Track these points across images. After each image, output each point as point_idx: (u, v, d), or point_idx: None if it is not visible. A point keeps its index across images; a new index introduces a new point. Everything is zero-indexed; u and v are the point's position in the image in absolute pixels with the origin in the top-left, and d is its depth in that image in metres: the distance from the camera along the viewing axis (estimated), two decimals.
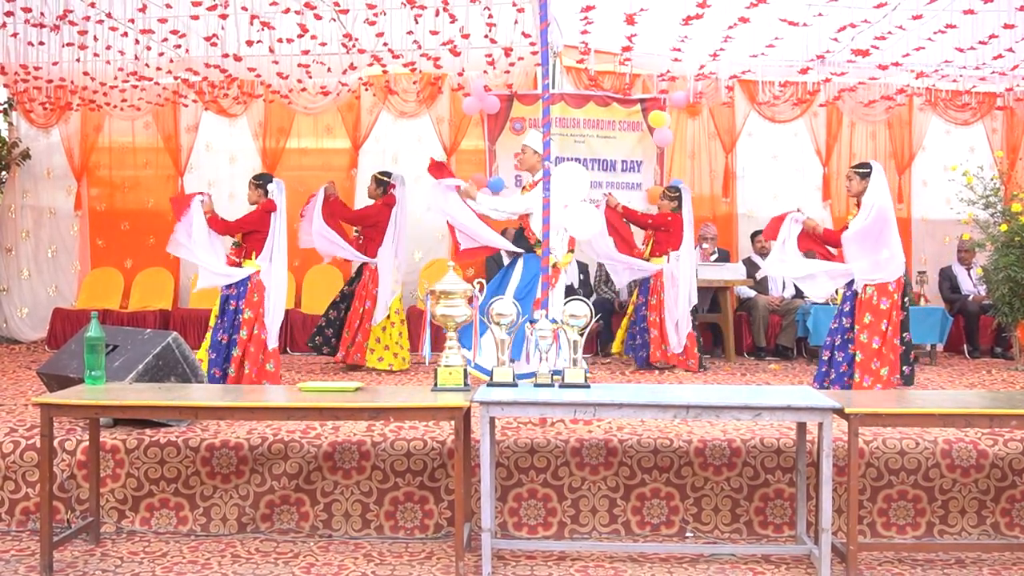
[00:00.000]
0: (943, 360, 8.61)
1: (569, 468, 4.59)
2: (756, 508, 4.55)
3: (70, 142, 9.91)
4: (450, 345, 4.28)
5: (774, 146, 9.80)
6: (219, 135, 9.87)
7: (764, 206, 9.62)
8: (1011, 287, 7.66)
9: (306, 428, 4.75)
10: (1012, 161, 9.54)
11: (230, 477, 4.61)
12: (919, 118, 9.84)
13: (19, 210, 9.95)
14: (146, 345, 4.93)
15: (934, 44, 7.38)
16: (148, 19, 7.17)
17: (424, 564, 4.12)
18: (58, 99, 9.31)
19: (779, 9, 6.84)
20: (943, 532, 4.55)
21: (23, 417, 5.19)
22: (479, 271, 9.11)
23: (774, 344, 8.76)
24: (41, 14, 7.03)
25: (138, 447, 4.62)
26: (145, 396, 4.13)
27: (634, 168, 8.70)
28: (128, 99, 9.24)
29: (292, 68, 8.50)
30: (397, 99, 9.50)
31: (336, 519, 4.56)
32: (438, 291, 4.29)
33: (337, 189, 7.94)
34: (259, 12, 6.90)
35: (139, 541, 4.40)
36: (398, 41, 7.81)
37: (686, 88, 8.89)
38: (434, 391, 4.19)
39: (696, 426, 4.85)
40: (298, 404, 4.01)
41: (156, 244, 9.88)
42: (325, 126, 9.88)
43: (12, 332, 9.78)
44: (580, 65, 9.01)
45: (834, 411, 3.89)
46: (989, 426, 4.17)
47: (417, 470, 4.58)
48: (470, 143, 9.45)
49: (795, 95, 9.38)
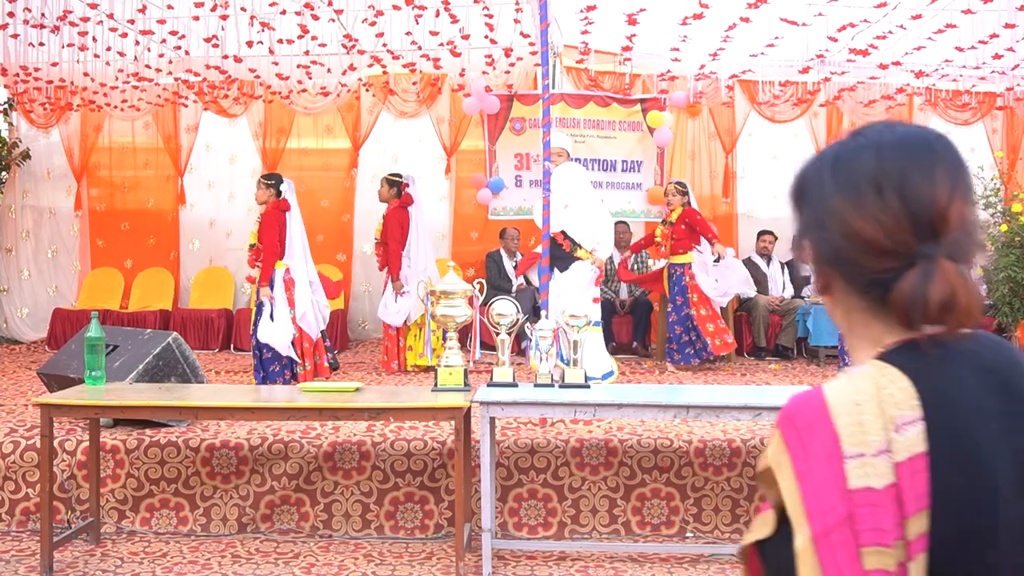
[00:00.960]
0: None
1: (569, 468, 4.59)
2: (756, 508, 4.55)
3: (70, 142, 9.90)
4: (450, 345, 4.28)
5: (774, 146, 9.79)
6: (219, 135, 9.87)
7: (764, 206, 9.62)
8: (1011, 287, 7.66)
9: (306, 428, 4.75)
10: (1012, 161, 9.53)
11: (230, 477, 4.61)
12: (919, 118, 9.82)
13: (19, 210, 9.95)
14: (146, 345, 4.93)
15: (934, 44, 7.38)
16: (148, 20, 7.17)
17: (424, 564, 4.12)
18: (58, 99, 9.31)
19: (779, 9, 6.84)
20: None
21: (23, 417, 5.19)
22: (479, 271, 9.12)
23: (774, 344, 8.76)
24: (41, 15, 7.03)
25: (138, 447, 4.62)
26: (145, 396, 4.13)
27: (634, 168, 8.69)
28: (128, 99, 9.23)
29: (292, 69, 8.50)
30: (397, 99, 9.49)
31: (336, 519, 4.56)
32: (438, 291, 4.29)
33: None
34: (259, 13, 6.90)
35: (139, 541, 4.41)
36: (398, 42, 7.80)
37: (686, 88, 8.89)
38: (434, 391, 4.19)
39: (696, 426, 4.85)
40: (298, 404, 4.01)
41: (156, 244, 9.91)
42: (325, 126, 9.87)
43: (12, 332, 9.77)
44: (580, 65, 9.01)
45: None
46: None
47: (417, 470, 4.58)
48: (470, 143, 9.44)
49: (795, 95, 9.37)
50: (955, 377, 1.02)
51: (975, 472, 0.98)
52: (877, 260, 1.03)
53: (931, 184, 1.03)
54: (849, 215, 1.04)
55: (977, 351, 1.05)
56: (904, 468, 0.96)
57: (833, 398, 1.00)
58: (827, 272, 1.10)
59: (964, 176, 1.07)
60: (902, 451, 0.97)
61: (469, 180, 9.02)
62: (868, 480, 0.95)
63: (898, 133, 1.09)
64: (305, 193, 9.47)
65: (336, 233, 9.61)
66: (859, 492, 0.95)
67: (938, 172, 1.04)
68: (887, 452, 0.97)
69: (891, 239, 1.02)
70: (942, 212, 1.02)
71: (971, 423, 1.00)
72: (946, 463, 0.97)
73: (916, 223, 1.02)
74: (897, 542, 0.95)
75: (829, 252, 1.07)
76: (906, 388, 1.00)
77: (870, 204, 1.03)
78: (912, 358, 1.02)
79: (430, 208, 8.17)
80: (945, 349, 1.03)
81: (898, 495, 0.96)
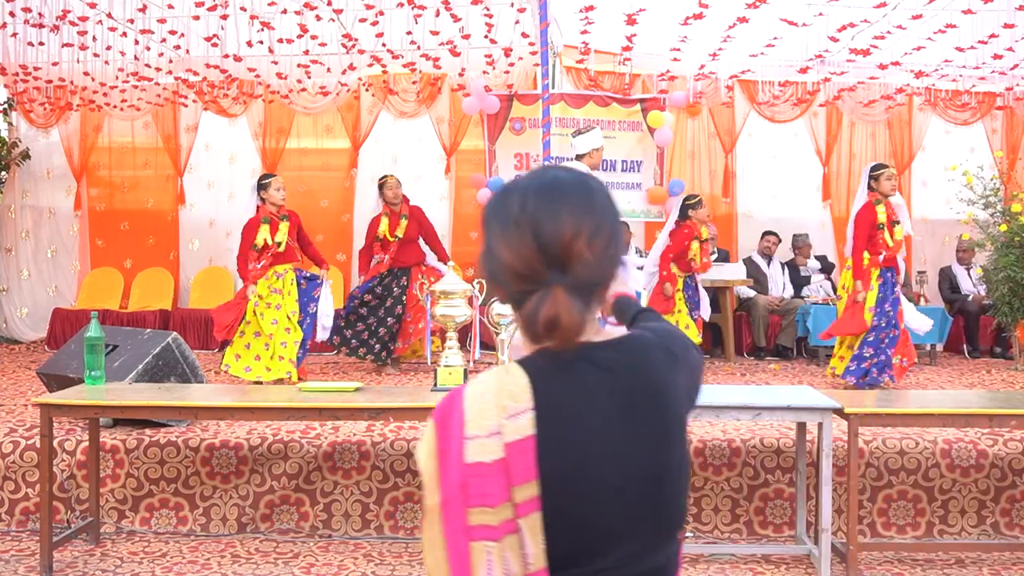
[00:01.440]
0: (943, 360, 8.61)
1: None
2: (756, 508, 4.55)
3: (70, 142, 9.90)
4: (450, 345, 4.28)
5: (774, 146, 9.79)
6: (219, 135, 9.86)
7: (764, 206, 9.62)
8: (1011, 287, 7.65)
9: (306, 428, 4.75)
10: (1012, 161, 9.53)
11: (230, 477, 4.60)
12: (919, 118, 9.84)
13: (19, 210, 9.94)
14: (146, 345, 4.93)
15: (934, 44, 7.38)
16: (148, 19, 7.17)
17: (424, 564, 4.12)
18: (58, 99, 9.31)
19: (779, 9, 6.84)
20: (943, 532, 4.55)
21: (23, 417, 5.19)
22: (479, 271, 9.10)
23: (774, 344, 8.75)
24: (41, 14, 7.03)
25: (138, 447, 4.62)
26: (145, 396, 4.13)
27: (634, 168, 8.69)
28: (128, 99, 9.23)
29: (292, 68, 8.50)
30: (397, 99, 9.49)
31: (336, 519, 4.56)
32: (438, 291, 4.29)
33: None
34: (259, 12, 6.90)
35: (139, 541, 4.40)
36: (398, 41, 7.81)
37: (686, 88, 8.89)
38: (434, 391, 4.19)
39: (696, 426, 4.84)
40: (298, 404, 4.00)
41: (156, 244, 9.90)
42: (325, 126, 9.86)
43: (12, 332, 9.77)
44: (580, 65, 9.01)
45: (834, 411, 3.89)
46: (989, 426, 4.17)
47: (417, 470, 4.58)
48: (470, 143, 9.44)
49: (795, 95, 9.38)
50: (575, 377, 1.28)
51: (575, 452, 1.24)
52: (517, 284, 1.28)
53: (557, 224, 1.26)
54: (499, 245, 1.29)
55: (608, 356, 1.30)
56: (512, 447, 1.22)
57: (467, 392, 1.27)
58: (494, 289, 1.34)
59: (594, 217, 1.28)
60: (511, 434, 1.22)
61: (469, 180, 9.01)
62: (480, 456, 1.21)
63: (543, 179, 1.32)
64: (305, 193, 9.49)
65: (336, 233, 9.60)
66: (472, 465, 1.21)
67: (563, 215, 1.26)
68: (498, 434, 1.22)
69: (527, 268, 1.26)
70: (566, 248, 1.25)
71: (577, 413, 1.26)
72: (551, 444, 1.23)
73: (546, 256, 1.25)
74: (503, 504, 1.20)
75: (489, 273, 1.33)
76: (524, 384, 1.25)
77: (513, 238, 1.27)
78: (538, 362, 1.28)
79: (430, 208, 8.16)
80: (575, 355, 1.28)
81: (506, 468, 1.21)
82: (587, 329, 1.30)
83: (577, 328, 1.26)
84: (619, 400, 1.28)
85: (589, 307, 1.29)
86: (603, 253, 1.28)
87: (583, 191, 1.31)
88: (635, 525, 1.27)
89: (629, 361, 1.32)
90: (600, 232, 1.28)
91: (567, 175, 1.33)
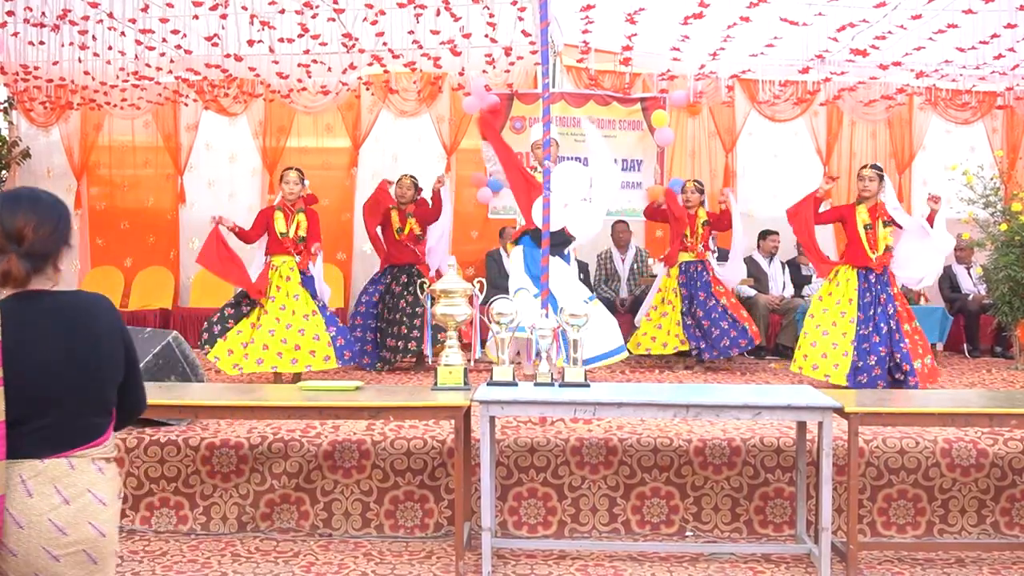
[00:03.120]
0: (943, 359, 8.61)
1: (569, 467, 4.59)
2: (756, 507, 4.55)
3: (70, 141, 9.90)
4: (450, 344, 4.28)
5: (774, 145, 9.80)
6: (219, 134, 9.87)
7: (764, 205, 9.61)
8: (1011, 286, 7.66)
9: (306, 427, 4.75)
10: (1012, 160, 9.53)
11: (230, 476, 4.61)
12: (919, 117, 9.84)
13: None
14: (146, 344, 4.94)
15: (934, 44, 7.38)
16: (148, 19, 7.17)
17: (424, 563, 4.12)
18: (58, 98, 9.31)
19: (779, 9, 6.84)
20: (943, 531, 4.55)
21: None
22: (479, 270, 9.12)
23: (774, 344, 8.75)
24: (42, 13, 7.03)
25: (138, 446, 4.62)
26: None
27: (634, 167, 8.70)
28: (128, 98, 9.23)
29: (292, 68, 8.50)
30: (397, 98, 9.49)
31: (336, 518, 4.56)
32: (438, 290, 4.29)
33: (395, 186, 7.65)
34: (259, 12, 6.90)
35: (139, 540, 4.41)
36: (398, 41, 7.80)
37: (686, 87, 8.89)
38: (434, 390, 4.19)
39: (696, 425, 4.85)
40: (298, 403, 4.01)
41: (156, 243, 9.91)
42: (325, 125, 9.87)
43: None
44: (580, 64, 9.01)
45: (834, 410, 3.89)
46: (989, 425, 4.18)
47: (417, 469, 4.58)
48: (470, 142, 9.44)
49: (795, 94, 9.37)
50: (30, 307, 2.09)
51: (23, 348, 2.04)
52: None
53: (13, 218, 2.09)
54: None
55: (56, 299, 2.14)
56: None
57: None
58: None
59: (37, 215, 2.12)
60: None
61: (469, 179, 9.01)
62: None
63: (13, 194, 2.17)
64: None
65: (336, 232, 9.60)
66: None
67: (20, 213, 2.10)
68: None
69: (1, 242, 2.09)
70: (20, 232, 2.09)
71: (27, 326, 2.07)
72: (9, 344, 2.02)
73: (8, 236, 2.08)
74: None
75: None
76: None
77: None
78: (11, 299, 2.09)
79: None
80: (32, 295, 2.11)
81: None
82: (39, 282, 2.12)
83: (23, 280, 2.09)
84: (56, 319, 2.11)
85: (36, 268, 2.10)
86: (48, 237, 2.11)
87: (33, 201, 2.14)
88: (63, 397, 2.08)
89: (73, 301, 2.17)
90: (43, 224, 2.11)
91: (27, 192, 2.18)
